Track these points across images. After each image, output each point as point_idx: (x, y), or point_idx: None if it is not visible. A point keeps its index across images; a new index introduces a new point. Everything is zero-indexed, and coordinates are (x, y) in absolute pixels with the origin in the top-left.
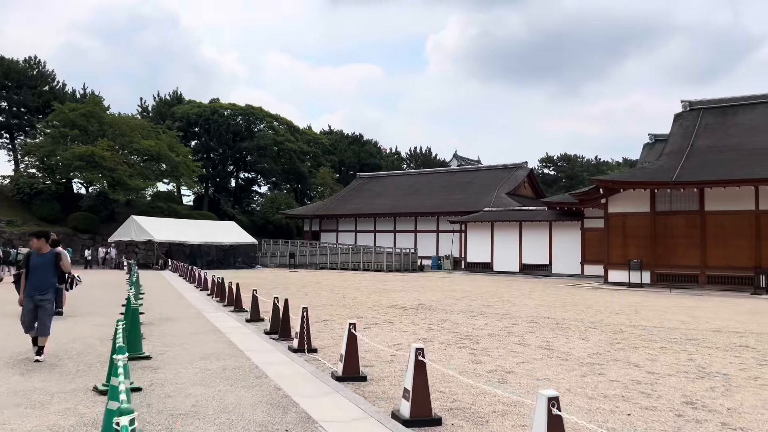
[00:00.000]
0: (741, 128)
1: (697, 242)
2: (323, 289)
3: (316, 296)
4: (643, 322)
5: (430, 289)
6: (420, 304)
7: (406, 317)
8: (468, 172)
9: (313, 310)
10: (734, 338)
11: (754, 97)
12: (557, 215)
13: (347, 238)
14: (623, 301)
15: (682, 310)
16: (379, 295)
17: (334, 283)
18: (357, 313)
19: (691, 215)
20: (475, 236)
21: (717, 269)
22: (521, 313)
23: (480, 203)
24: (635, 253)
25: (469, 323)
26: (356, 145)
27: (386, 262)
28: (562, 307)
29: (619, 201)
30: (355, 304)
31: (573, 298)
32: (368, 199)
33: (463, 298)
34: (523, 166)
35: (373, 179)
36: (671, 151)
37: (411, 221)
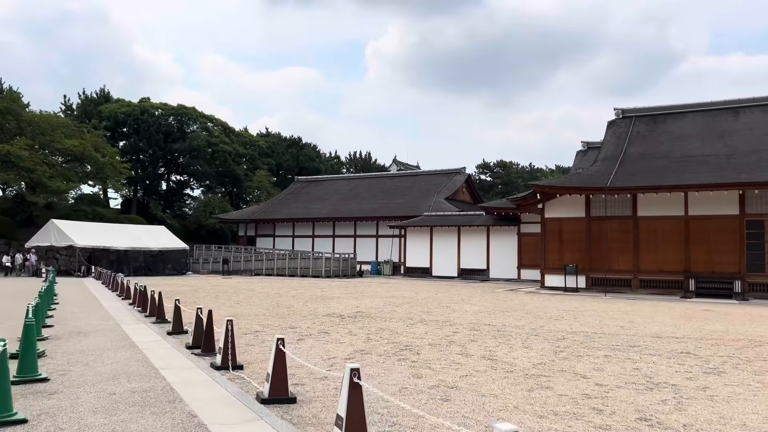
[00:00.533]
0: (670, 136)
1: (630, 247)
2: (257, 296)
3: (248, 305)
4: (583, 329)
5: (369, 296)
6: (358, 311)
7: (343, 326)
8: (408, 177)
9: (243, 320)
10: (674, 344)
11: (682, 106)
12: (495, 220)
13: (284, 243)
14: (561, 306)
15: (619, 315)
16: (315, 303)
17: (269, 290)
18: (291, 323)
19: (625, 220)
20: (414, 241)
21: (649, 273)
22: (462, 319)
23: (419, 208)
24: (571, 258)
25: (409, 332)
26: (295, 148)
27: (324, 268)
28: (502, 312)
29: (556, 206)
30: (290, 313)
31: (512, 303)
32: (307, 204)
33: (403, 305)
34: (461, 172)
35: (311, 183)
36: (605, 157)
37: (350, 226)
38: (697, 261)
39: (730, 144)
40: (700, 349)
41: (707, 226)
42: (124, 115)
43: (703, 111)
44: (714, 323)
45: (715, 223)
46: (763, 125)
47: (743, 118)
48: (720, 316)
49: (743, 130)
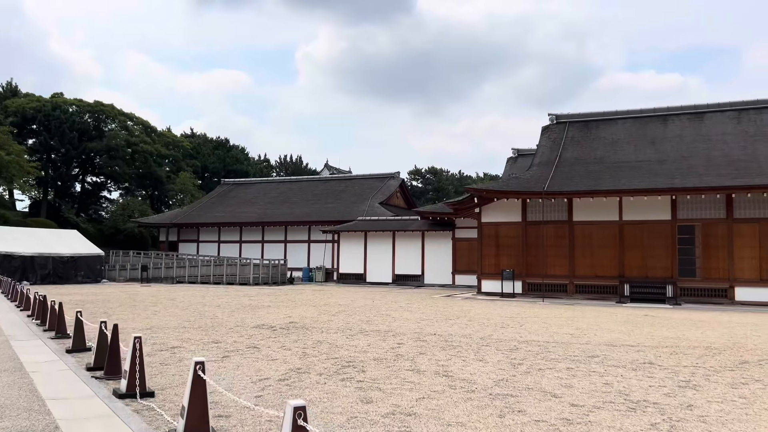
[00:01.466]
0: (603, 142)
1: (565, 252)
2: (177, 306)
3: (166, 316)
4: (533, 337)
5: (301, 304)
6: (291, 322)
7: (275, 340)
8: (341, 181)
9: (159, 334)
10: (632, 353)
11: (614, 112)
12: (430, 225)
13: (209, 249)
14: (502, 312)
15: (563, 321)
16: (243, 313)
17: (192, 299)
18: (215, 337)
19: (561, 225)
20: (348, 246)
21: (584, 279)
22: (405, 329)
23: (354, 212)
24: (507, 263)
25: (350, 345)
26: (221, 150)
27: (253, 275)
28: (445, 320)
29: (492, 211)
30: (214, 325)
31: (453, 311)
32: (234, 207)
33: (340, 314)
34: (395, 176)
35: (239, 186)
36: (541, 162)
37: (281, 231)
38: (631, 266)
39: (661, 150)
40: (660, 359)
41: (641, 231)
42: (33, 110)
43: (634, 118)
44: (661, 329)
45: (648, 229)
46: (690, 133)
47: (671, 125)
48: (663, 322)
49: (672, 137)
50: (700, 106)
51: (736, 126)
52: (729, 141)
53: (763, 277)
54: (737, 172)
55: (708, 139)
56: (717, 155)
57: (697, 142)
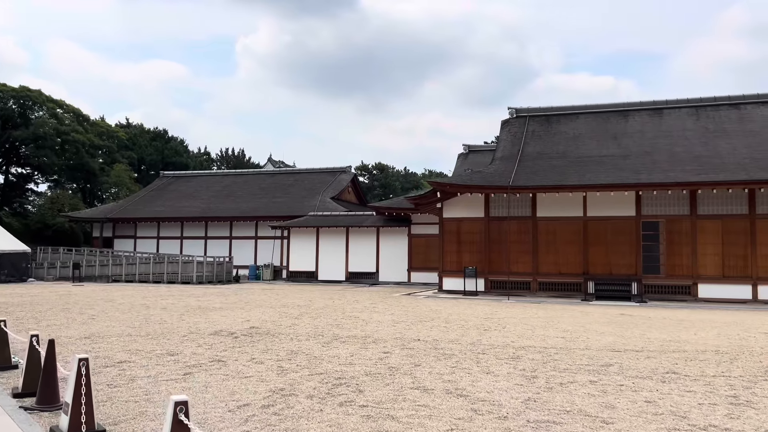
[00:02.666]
0: (565, 136)
1: (529, 248)
2: (118, 309)
3: (107, 321)
4: (525, 342)
5: (257, 305)
6: (252, 327)
7: (241, 350)
8: (290, 175)
9: (101, 344)
10: (645, 360)
11: (574, 107)
12: (385, 221)
13: (148, 245)
14: (474, 313)
15: (543, 322)
16: (194, 317)
17: (133, 300)
18: (169, 347)
19: (524, 221)
20: (299, 243)
21: (548, 276)
22: (382, 334)
23: (304, 208)
24: (470, 260)
25: (330, 356)
26: (159, 142)
27: (196, 273)
28: (421, 323)
29: (454, 206)
30: (165, 332)
31: (422, 311)
32: (174, 201)
33: (303, 316)
34: (347, 171)
35: (180, 179)
36: (503, 156)
37: (225, 227)
38: (595, 263)
39: (623, 145)
40: (678, 366)
41: (605, 228)
42: None
43: (595, 113)
44: (651, 331)
45: (612, 225)
46: (651, 128)
47: (632, 121)
48: (646, 322)
49: (634, 133)
50: (658, 102)
51: (695, 122)
52: (690, 137)
53: (725, 273)
54: (701, 168)
55: (669, 134)
56: (680, 151)
57: (658, 137)
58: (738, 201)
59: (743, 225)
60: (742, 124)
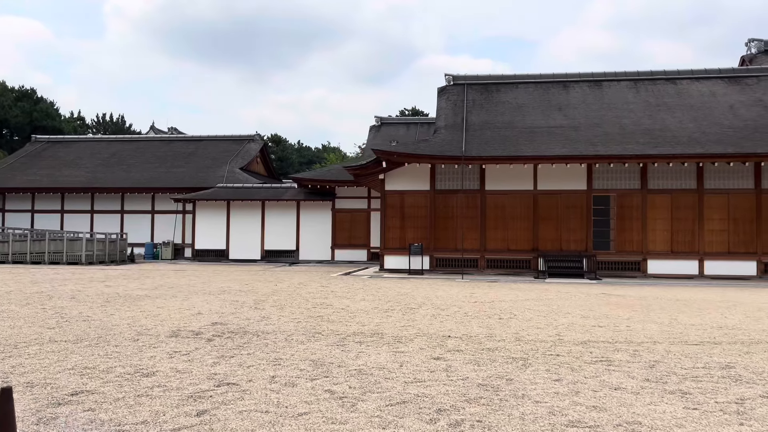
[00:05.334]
0: (508, 106)
1: (477, 224)
2: (10, 301)
3: (6, 320)
4: (574, 335)
5: (189, 292)
6: (215, 323)
7: (239, 362)
8: (189, 142)
9: (24, 360)
10: (761, 356)
11: (512, 76)
12: (306, 194)
13: (20, 220)
14: (449, 294)
15: (543, 306)
16: (123, 308)
17: (21, 287)
18: (131, 362)
19: (472, 195)
20: (206, 218)
21: (496, 252)
22: (388, 328)
23: (209, 179)
24: (414, 236)
25: (370, 366)
26: (26, 102)
27: (86, 252)
28: (411, 311)
29: (397, 177)
30: (102, 334)
31: (391, 294)
32: (52, 170)
33: (261, 305)
34: (255, 139)
35: (57, 144)
36: (446, 125)
37: (116, 199)
38: (545, 239)
39: (570, 116)
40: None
41: (556, 202)
42: None
43: (535, 83)
44: (661, 313)
45: (564, 199)
46: (594, 100)
47: (574, 92)
48: (631, 302)
49: (579, 104)
50: (596, 74)
51: (636, 95)
52: (635, 110)
53: (673, 249)
54: (655, 141)
55: (613, 107)
56: (628, 123)
57: (603, 109)
58: (687, 176)
59: (692, 200)
60: (681, 98)
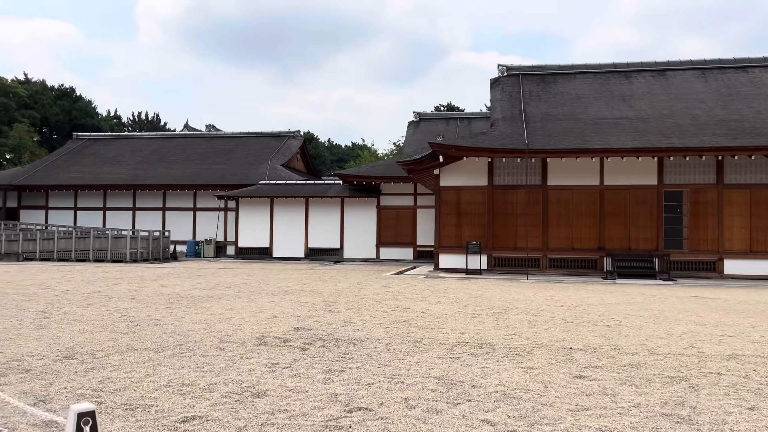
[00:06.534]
0: (568, 97)
1: (538, 221)
2: (70, 301)
3: (72, 323)
4: (712, 347)
5: (251, 292)
6: (297, 328)
7: (356, 380)
8: (229, 139)
9: (107, 372)
10: None
11: (569, 66)
12: (351, 191)
13: (63, 217)
14: (525, 297)
15: (642, 311)
16: (190, 311)
17: (76, 286)
18: (229, 375)
19: (533, 190)
20: (249, 215)
21: (559, 251)
22: (489, 336)
23: (251, 176)
24: (470, 234)
25: (513, 386)
26: (66, 100)
27: (130, 250)
28: (497, 315)
29: (452, 173)
30: (182, 341)
31: (462, 296)
32: (94, 167)
33: (333, 308)
34: (296, 135)
35: (98, 141)
36: (504, 117)
37: (158, 196)
38: (612, 237)
39: (636, 108)
40: None
41: (624, 198)
42: None
43: (594, 73)
44: None
45: (632, 195)
46: (660, 90)
47: (636, 82)
48: (751, 308)
49: (643, 95)
50: (660, 63)
51: (705, 85)
52: (706, 100)
53: (753, 248)
54: (732, 132)
55: (682, 97)
56: (701, 114)
57: (671, 100)
58: (766, 169)
59: None
60: (756, 87)
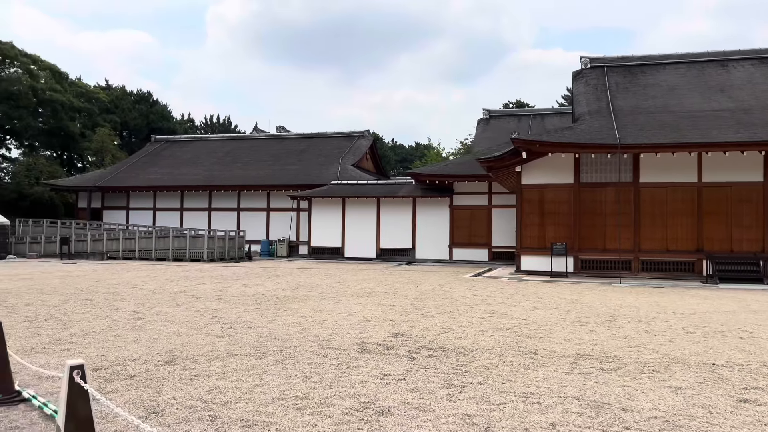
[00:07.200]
0: (659, 89)
1: (629, 221)
2: (158, 301)
3: (165, 324)
4: None
5: (334, 293)
6: (397, 334)
7: (498, 411)
8: (300, 140)
9: (210, 381)
10: None
11: (657, 56)
12: (423, 190)
13: (142, 217)
14: (627, 303)
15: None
16: (279, 312)
17: (160, 285)
18: (350, 393)
19: (624, 188)
20: (321, 215)
21: (652, 253)
22: (609, 347)
23: (322, 176)
24: (555, 235)
25: (665, 413)
26: (144, 105)
27: (207, 249)
28: (610, 323)
29: (535, 170)
30: (284, 347)
31: (557, 300)
32: (172, 168)
33: (423, 311)
34: (365, 135)
35: (176, 143)
36: (590, 111)
37: (233, 197)
38: (711, 238)
39: (737, 99)
40: None
41: (725, 195)
42: None
43: (686, 63)
44: None
45: (734, 192)
46: (763, 79)
47: (736, 72)
48: None
49: (743, 85)
50: (762, 50)
51: None
52: None
53: None
54: None
55: None
56: None
57: None
58: None
59: None
60: None
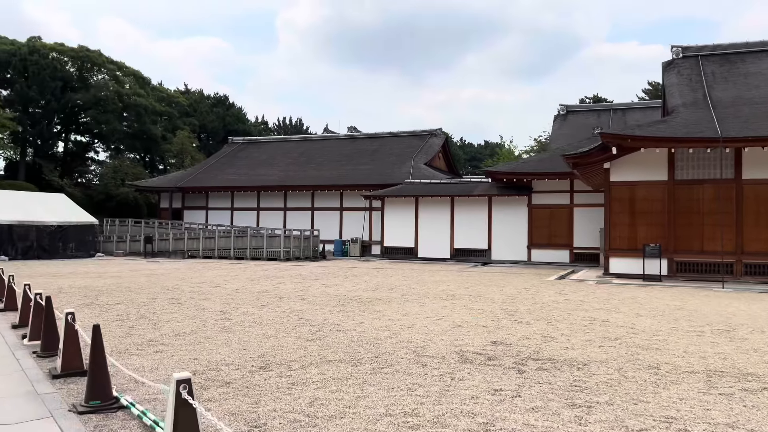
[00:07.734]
0: (762, 78)
1: (730, 220)
2: (242, 301)
3: (252, 326)
4: None
5: (417, 295)
6: (495, 342)
7: None
8: (372, 140)
9: (309, 391)
10: None
11: (756, 44)
12: (499, 189)
13: (221, 217)
14: (738, 309)
15: None
16: (368, 317)
17: (242, 285)
18: (456, 411)
19: (724, 185)
20: (394, 215)
21: (758, 256)
22: (718, 359)
23: (394, 175)
24: (647, 236)
25: None
26: (221, 108)
27: (283, 249)
28: (728, 334)
29: (625, 166)
30: (377, 356)
31: (657, 305)
32: (248, 169)
33: (518, 316)
34: (437, 133)
35: (251, 145)
36: (685, 103)
37: (307, 197)
38: None
39: None
40: None
41: None
42: (6, 54)
43: None
44: None
45: None
46: None
47: None
48: None
49: None
50: None
51: None
52: None
53: None
54: None
55: None
56: None
57: None
58: None
59: None
60: None
